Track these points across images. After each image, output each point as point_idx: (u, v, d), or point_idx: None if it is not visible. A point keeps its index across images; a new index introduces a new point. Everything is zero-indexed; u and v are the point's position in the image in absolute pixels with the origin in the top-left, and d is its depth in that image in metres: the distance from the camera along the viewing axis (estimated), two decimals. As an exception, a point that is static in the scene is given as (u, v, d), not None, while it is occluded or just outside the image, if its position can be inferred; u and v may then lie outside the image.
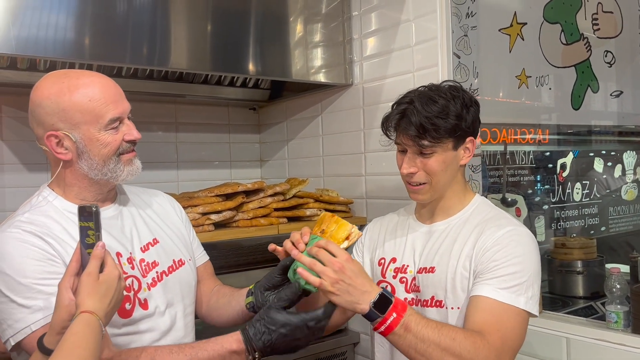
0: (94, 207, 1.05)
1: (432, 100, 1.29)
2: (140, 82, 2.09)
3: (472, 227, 1.34)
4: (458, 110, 1.29)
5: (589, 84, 2.41)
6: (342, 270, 1.16)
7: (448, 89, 1.34)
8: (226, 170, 2.72)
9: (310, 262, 1.18)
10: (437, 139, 1.28)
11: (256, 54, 2.04)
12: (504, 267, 1.24)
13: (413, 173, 1.33)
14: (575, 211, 2.90)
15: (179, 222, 1.45)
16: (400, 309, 1.16)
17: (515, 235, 1.29)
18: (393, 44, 2.08)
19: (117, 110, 1.20)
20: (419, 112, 1.27)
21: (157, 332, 1.25)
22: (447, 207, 1.40)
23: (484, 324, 1.19)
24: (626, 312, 1.63)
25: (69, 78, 1.18)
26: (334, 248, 1.19)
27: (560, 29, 2.32)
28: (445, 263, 1.32)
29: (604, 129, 2.86)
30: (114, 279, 1.06)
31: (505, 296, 1.22)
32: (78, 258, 1.06)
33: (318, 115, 2.45)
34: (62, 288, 1.04)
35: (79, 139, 1.17)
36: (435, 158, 1.31)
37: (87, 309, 1.00)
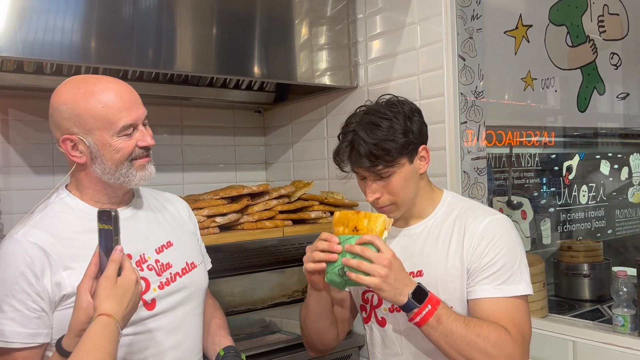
0: (113, 211, 1.08)
1: (375, 124, 1.29)
2: (145, 85, 2.10)
3: (450, 225, 1.35)
4: (402, 126, 1.29)
5: (595, 86, 2.40)
6: (390, 266, 1.18)
7: (386, 107, 1.33)
8: (231, 173, 2.72)
9: (357, 262, 1.18)
10: (391, 161, 1.28)
11: (261, 57, 2.05)
12: (495, 262, 1.27)
13: (378, 198, 1.33)
14: (582, 214, 2.89)
15: (192, 226, 1.49)
16: (434, 302, 1.20)
17: (497, 225, 1.31)
18: (398, 46, 2.08)
19: (131, 117, 1.22)
20: (365, 141, 1.27)
21: (163, 332, 1.28)
22: (419, 211, 1.41)
23: (499, 321, 1.23)
24: (633, 316, 1.62)
25: (86, 84, 1.22)
26: (380, 244, 1.20)
27: (566, 31, 2.31)
28: (433, 265, 1.33)
29: (610, 132, 2.85)
30: (131, 282, 1.07)
31: (506, 290, 1.26)
32: (97, 261, 1.08)
33: (323, 118, 2.46)
34: (81, 290, 1.06)
35: (92, 144, 1.21)
36: (395, 178, 1.31)
37: (105, 312, 1.02)
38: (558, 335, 1.70)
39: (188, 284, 1.35)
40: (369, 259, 1.18)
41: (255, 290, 2.05)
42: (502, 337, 1.20)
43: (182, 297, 1.33)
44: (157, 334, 1.27)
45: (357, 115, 1.36)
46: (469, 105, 1.93)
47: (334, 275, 1.23)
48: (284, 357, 2.05)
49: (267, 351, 2.04)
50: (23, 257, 1.16)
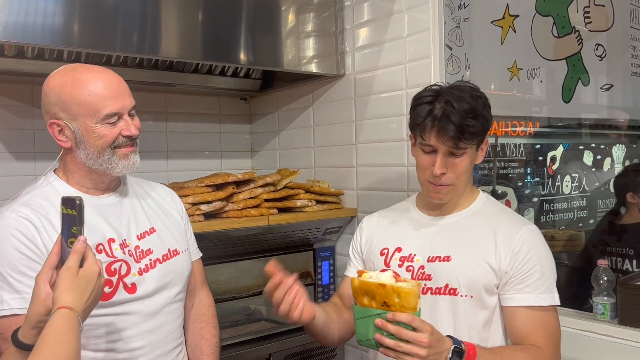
0: (77, 199, 1.05)
1: (463, 99, 1.27)
2: (130, 71, 2.07)
3: (485, 220, 1.37)
4: (482, 110, 1.29)
5: (579, 77, 2.42)
6: (430, 345, 1.13)
7: (469, 89, 1.32)
8: (216, 161, 2.71)
9: (394, 343, 1.13)
10: (471, 140, 1.28)
11: (247, 44, 2.03)
12: (536, 271, 1.29)
13: (443, 174, 1.32)
14: (565, 204, 2.92)
15: (177, 215, 1.51)
16: (471, 355, 1.18)
17: (535, 236, 1.34)
18: (385, 34, 2.07)
19: (115, 106, 1.26)
20: (457, 110, 1.25)
21: (140, 316, 1.31)
22: (457, 203, 1.41)
23: (535, 336, 1.27)
24: (613, 304, 1.65)
25: (75, 72, 1.26)
26: (418, 324, 1.13)
27: (552, 21, 2.32)
28: (462, 253, 1.34)
29: (594, 122, 2.88)
30: (93, 274, 1.04)
31: (545, 299, 1.29)
32: (58, 251, 1.05)
33: (309, 106, 2.45)
34: (40, 281, 1.03)
35: (77, 129, 1.25)
36: (464, 158, 1.31)
37: (66, 305, 0.98)
38: (540, 323, 1.72)
39: (169, 271, 1.38)
40: (408, 340, 1.12)
41: (240, 278, 2.05)
42: (538, 356, 1.24)
43: (163, 283, 1.36)
44: (135, 317, 1.30)
45: (429, 90, 1.33)
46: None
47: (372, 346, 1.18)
48: (269, 344, 2.06)
49: (252, 339, 2.05)
50: (16, 228, 1.20)
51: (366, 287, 1.16)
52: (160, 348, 1.34)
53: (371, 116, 2.14)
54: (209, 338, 1.50)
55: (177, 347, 1.41)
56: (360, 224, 1.57)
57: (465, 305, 1.32)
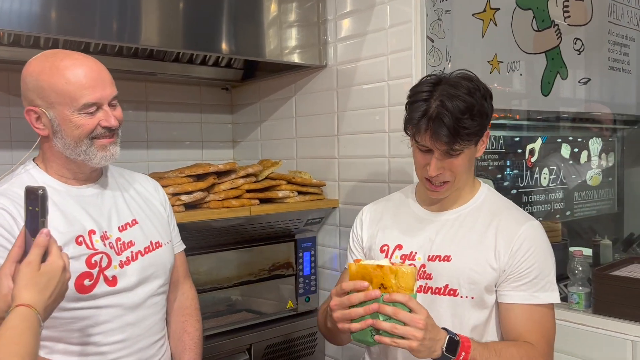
0: (40, 190, 1.00)
1: (458, 97, 1.22)
2: (109, 59, 2.03)
3: (487, 217, 1.35)
4: (481, 105, 1.24)
5: (558, 70, 2.45)
6: (426, 328, 1.14)
7: (466, 80, 1.27)
8: (197, 151, 2.69)
9: (390, 326, 1.13)
10: (467, 141, 1.24)
11: (229, 33, 2.01)
12: (534, 269, 1.28)
13: (440, 174, 1.30)
14: (542, 196, 2.96)
15: (161, 207, 1.49)
16: (466, 347, 1.19)
17: (536, 233, 1.32)
18: (367, 26, 2.07)
19: (94, 95, 1.22)
20: (451, 112, 1.20)
21: (121, 309, 1.29)
22: (458, 197, 1.39)
23: (529, 333, 1.27)
24: (587, 294, 1.69)
25: (54, 58, 1.23)
26: (413, 305, 1.14)
27: (532, 15, 2.34)
28: (463, 253, 1.32)
29: (572, 116, 2.92)
30: (57, 269, 0.99)
31: (541, 297, 1.28)
32: (21, 243, 1.00)
33: (292, 97, 2.44)
34: (2, 275, 0.98)
35: (54, 118, 1.22)
36: (461, 158, 1.27)
37: (24, 302, 0.93)
38: (517, 312, 1.75)
39: (151, 263, 1.36)
40: (405, 322, 1.13)
41: (221, 269, 2.05)
42: (531, 354, 1.24)
43: (144, 276, 1.34)
44: (116, 310, 1.28)
45: (425, 83, 1.28)
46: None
47: (367, 336, 1.17)
48: (249, 335, 2.07)
49: (232, 329, 2.05)
50: None
51: (364, 271, 1.17)
52: (142, 341, 1.33)
53: (353, 107, 2.15)
54: (192, 331, 1.50)
55: (159, 340, 1.40)
56: (360, 215, 1.53)
57: (465, 306, 1.31)
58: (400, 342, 1.13)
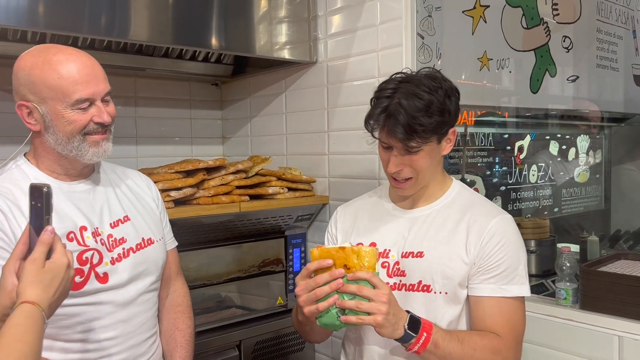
0: (45, 187, 1.00)
1: (416, 95, 1.24)
2: (97, 54, 1.98)
3: (458, 212, 1.36)
4: (442, 103, 1.25)
5: (547, 68, 2.46)
6: (390, 302, 1.16)
7: (429, 79, 1.28)
8: (187, 147, 2.67)
9: (355, 303, 1.14)
10: (425, 138, 1.25)
11: (219, 28, 2.00)
12: (502, 262, 1.29)
13: (400, 170, 1.31)
14: (531, 192, 2.98)
15: (153, 203, 1.48)
16: (428, 328, 1.21)
17: (506, 226, 1.33)
18: (358, 22, 2.07)
19: (87, 91, 1.21)
20: (406, 110, 1.22)
21: (113, 305, 1.28)
22: (429, 195, 1.40)
23: (496, 325, 1.27)
24: (575, 289, 1.70)
25: (47, 53, 1.21)
26: (376, 281, 1.16)
27: (522, 12, 2.35)
28: (435, 248, 1.32)
29: (560, 113, 2.94)
30: (61, 267, 0.99)
31: (510, 290, 1.28)
32: (26, 241, 1.01)
33: (282, 93, 2.43)
34: (6, 272, 0.98)
35: (46, 113, 1.21)
36: (421, 155, 1.28)
37: (29, 299, 0.93)
38: (505, 308, 1.77)
39: (143, 260, 1.35)
40: (367, 297, 1.14)
41: (211, 265, 2.04)
42: (495, 345, 1.24)
43: (136, 273, 1.33)
44: (107, 307, 1.27)
45: (393, 81, 1.30)
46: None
47: (333, 319, 1.17)
48: (239, 331, 2.06)
49: (222, 326, 2.05)
50: None
51: (327, 254, 1.19)
52: (133, 338, 1.33)
53: (343, 104, 2.15)
54: (184, 329, 1.49)
55: (151, 337, 1.40)
56: (334, 215, 1.55)
57: (439, 301, 1.31)
58: (365, 318, 1.15)
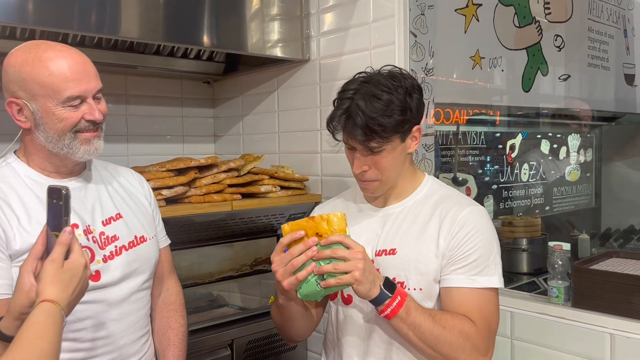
0: (64, 189, 1.02)
1: (375, 96, 1.24)
2: (88, 51, 1.94)
3: (430, 207, 1.35)
4: (402, 102, 1.25)
5: (539, 67, 2.47)
6: (365, 258, 1.17)
7: (388, 78, 1.28)
8: (178, 145, 2.65)
9: (332, 265, 1.15)
10: (386, 138, 1.25)
11: (211, 25, 1.99)
12: (472, 252, 1.27)
13: (365, 171, 1.31)
14: (522, 191, 3.00)
15: (145, 201, 1.47)
16: (402, 294, 1.20)
17: (477, 217, 1.31)
18: (350, 20, 2.06)
19: (78, 88, 1.19)
20: (364, 112, 1.22)
21: (105, 304, 1.27)
22: (400, 192, 1.39)
23: (467, 313, 1.25)
24: (567, 287, 1.70)
25: (37, 49, 1.19)
26: (348, 241, 1.17)
27: (514, 11, 2.36)
28: (407, 244, 1.32)
29: (551, 112, 2.95)
30: (79, 267, 1.02)
31: (479, 282, 1.26)
32: (44, 241, 1.03)
33: (274, 91, 2.42)
34: (24, 272, 1.00)
35: (36, 110, 1.19)
36: (384, 155, 1.28)
37: (49, 298, 0.96)
38: (497, 306, 1.77)
39: (135, 258, 1.34)
40: (343, 258, 1.15)
41: (203, 264, 2.03)
42: (466, 328, 1.22)
43: (128, 271, 1.32)
44: (99, 306, 1.26)
45: (355, 81, 1.30)
46: (419, 82, 1.94)
47: (313, 287, 1.17)
48: (232, 330, 2.05)
49: (214, 325, 2.03)
50: None
51: (297, 227, 1.18)
52: (125, 337, 1.31)
53: (336, 102, 2.14)
54: (177, 327, 1.48)
55: (143, 336, 1.38)
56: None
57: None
58: (344, 277, 1.15)
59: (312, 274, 1.16)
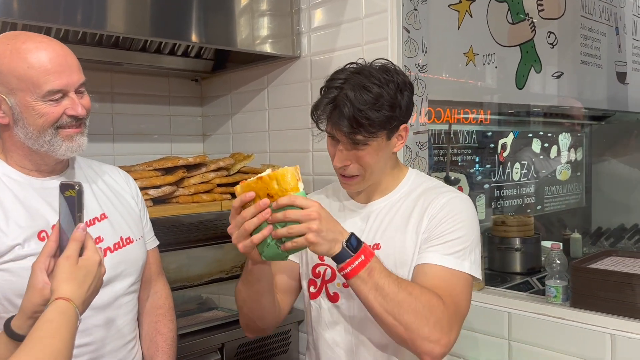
0: (76, 185, 1.01)
1: (365, 88, 1.19)
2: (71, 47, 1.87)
3: (414, 200, 1.32)
4: (392, 98, 1.21)
5: (532, 64, 2.46)
6: (320, 218, 1.08)
7: (380, 71, 1.24)
8: (166, 145, 2.60)
9: (286, 230, 1.07)
10: (372, 133, 1.20)
11: (199, 21, 1.94)
12: (449, 232, 1.23)
13: (346, 166, 1.27)
14: (514, 190, 2.99)
15: (132, 200, 1.42)
16: (368, 254, 1.13)
17: (459, 201, 1.29)
18: (342, 15, 2.03)
19: (59, 82, 1.14)
20: (352, 103, 1.18)
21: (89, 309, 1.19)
22: (384, 187, 1.36)
23: (435, 289, 1.18)
24: (565, 287, 1.68)
25: (15, 41, 1.14)
26: (301, 201, 1.08)
27: (507, 7, 2.34)
28: (391, 237, 1.29)
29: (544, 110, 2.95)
30: (94, 264, 1.01)
31: (451, 262, 1.22)
32: (57, 238, 1.02)
33: (264, 89, 2.38)
34: (37, 269, 0.98)
35: (15, 105, 1.14)
36: (369, 151, 1.24)
37: (64, 296, 0.94)
38: (494, 306, 1.74)
39: (121, 261, 1.29)
40: (297, 220, 1.07)
41: (192, 266, 1.98)
42: (433, 300, 1.14)
43: (114, 274, 1.27)
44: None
45: (345, 71, 1.26)
46: (413, 79, 1.91)
47: (275, 250, 1.11)
48: (221, 334, 2.00)
49: (204, 328, 1.98)
50: None
51: (248, 188, 1.10)
52: (111, 344, 1.26)
53: (327, 99, 2.10)
54: (166, 332, 1.43)
55: (130, 342, 1.33)
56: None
57: None
58: (299, 240, 1.08)
59: (270, 238, 1.10)
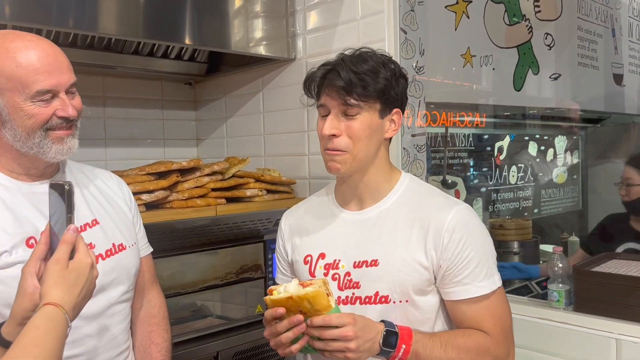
0: (67, 185, 0.98)
1: (363, 59, 1.23)
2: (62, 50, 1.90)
3: (411, 211, 1.27)
4: (388, 76, 1.24)
5: (529, 65, 2.45)
6: (356, 336, 1.12)
7: (379, 55, 1.28)
8: (159, 149, 2.57)
9: (323, 345, 1.14)
10: (365, 96, 1.20)
11: (193, 22, 1.91)
12: (472, 259, 1.21)
13: (335, 136, 1.22)
14: (511, 193, 2.98)
15: (125, 206, 1.38)
16: (407, 339, 1.16)
17: (464, 218, 1.24)
18: (338, 17, 2.01)
19: (49, 82, 1.11)
20: (349, 67, 1.21)
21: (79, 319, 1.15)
22: (374, 187, 1.30)
23: (481, 322, 1.21)
24: (567, 291, 1.66)
25: (4, 39, 1.11)
26: (335, 321, 1.13)
27: (504, 9, 2.33)
28: (390, 254, 1.24)
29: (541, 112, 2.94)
30: (85, 267, 0.97)
31: (485, 287, 1.22)
32: (47, 241, 0.99)
33: (259, 92, 2.36)
34: (27, 273, 0.94)
35: (2, 106, 1.11)
36: (360, 120, 1.21)
37: (52, 301, 0.90)
38: (495, 311, 1.71)
39: (113, 268, 1.25)
40: (333, 339, 1.13)
41: (186, 272, 1.95)
42: (482, 343, 1.19)
43: (105, 282, 1.23)
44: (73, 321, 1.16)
45: (340, 53, 1.29)
46: (410, 81, 1.89)
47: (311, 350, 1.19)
48: (217, 342, 1.97)
49: (199, 336, 1.95)
50: None
51: (278, 304, 1.16)
52: (102, 354, 1.22)
53: (324, 102, 2.08)
54: (160, 342, 1.39)
55: (123, 352, 1.29)
56: (280, 226, 1.46)
57: (400, 311, 1.24)
58: (338, 355, 1.14)
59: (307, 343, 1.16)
